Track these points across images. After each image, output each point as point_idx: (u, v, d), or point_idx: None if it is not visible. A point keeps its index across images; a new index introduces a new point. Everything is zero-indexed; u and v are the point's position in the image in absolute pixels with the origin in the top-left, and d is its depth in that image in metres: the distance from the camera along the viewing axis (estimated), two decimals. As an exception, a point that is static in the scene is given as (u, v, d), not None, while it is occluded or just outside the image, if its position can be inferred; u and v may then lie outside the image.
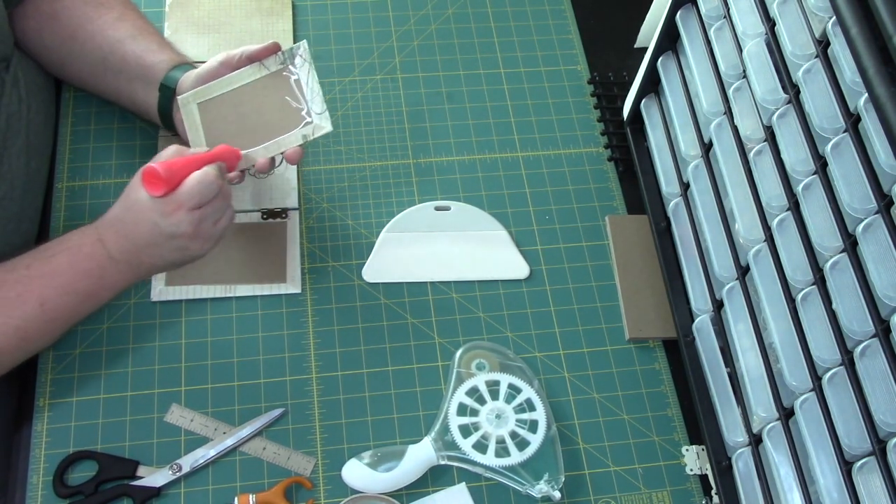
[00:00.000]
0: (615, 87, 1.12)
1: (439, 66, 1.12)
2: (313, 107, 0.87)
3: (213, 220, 0.81)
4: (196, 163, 0.80)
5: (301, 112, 0.87)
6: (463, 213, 1.01)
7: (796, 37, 0.73)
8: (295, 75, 0.88)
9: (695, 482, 0.89)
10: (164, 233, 0.79)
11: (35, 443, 0.84)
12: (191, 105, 0.87)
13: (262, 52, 0.87)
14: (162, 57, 0.91)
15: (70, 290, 0.80)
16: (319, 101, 0.87)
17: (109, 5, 0.94)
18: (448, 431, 0.85)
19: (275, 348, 0.91)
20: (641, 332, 0.95)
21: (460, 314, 0.95)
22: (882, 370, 0.64)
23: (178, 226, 0.78)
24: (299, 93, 0.87)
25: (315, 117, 0.87)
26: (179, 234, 0.79)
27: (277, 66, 0.88)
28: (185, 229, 0.79)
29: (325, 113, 0.87)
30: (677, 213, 0.95)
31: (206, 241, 0.82)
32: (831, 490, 0.69)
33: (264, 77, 0.88)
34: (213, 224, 0.81)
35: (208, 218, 0.80)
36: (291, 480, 0.84)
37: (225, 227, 0.83)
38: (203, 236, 0.81)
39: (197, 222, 0.79)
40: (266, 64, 0.88)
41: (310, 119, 0.87)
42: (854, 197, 0.66)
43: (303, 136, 0.86)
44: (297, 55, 0.88)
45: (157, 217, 0.78)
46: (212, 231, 0.81)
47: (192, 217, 0.78)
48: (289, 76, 0.88)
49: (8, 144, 0.86)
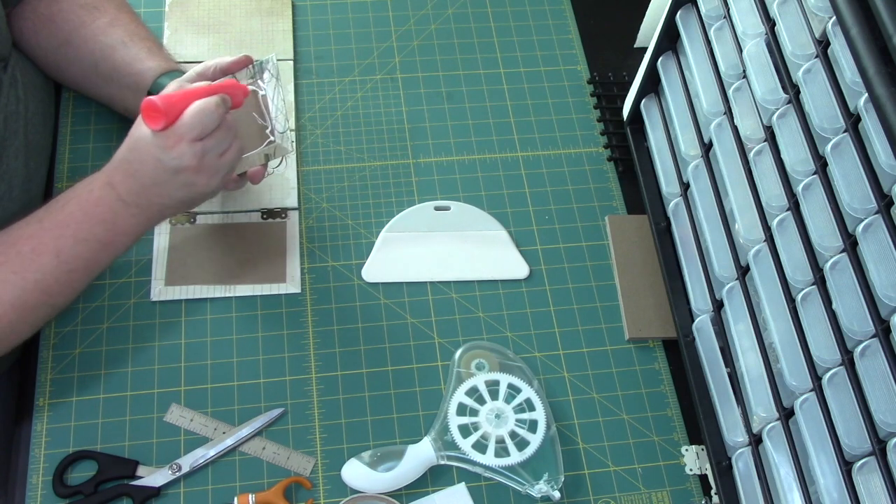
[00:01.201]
0: (615, 87, 1.12)
1: (439, 66, 1.12)
2: (276, 125, 0.85)
3: (217, 153, 0.79)
4: (196, 95, 0.78)
5: (266, 130, 0.86)
6: (463, 213, 1.01)
7: (796, 37, 0.73)
8: (263, 91, 0.87)
9: (694, 482, 0.89)
10: (168, 167, 0.77)
11: (35, 442, 0.84)
12: None
13: (232, 65, 0.86)
14: (150, 65, 0.91)
15: (84, 237, 0.79)
16: (283, 119, 0.85)
17: (103, 9, 0.94)
18: (448, 431, 0.85)
19: (274, 348, 0.91)
20: (641, 332, 0.95)
21: (460, 314, 0.95)
22: (882, 370, 0.64)
23: (180, 159, 0.77)
24: (265, 109, 0.86)
25: (277, 136, 0.85)
26: (183, 168, 0.77)
27: (247, 80, 0.87)
28: (189, 162, 0.77)
29: (286, 133, 0.85)
30: (677, 213, 0.95)
31: (213, 175, 0.80)
32: (831, 490, 0.69)
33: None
34: (217, 157, 0.79)
35: (212, 150, 0.78)
36: (291, 480, 0.84)
37: (231, 160, 0.81)
38: (208, 169, 0.79)
39: (200, 154, 0.77)
40: (237, 77, 0.86)
41: (273, 138, 0.85)
42: (854, 197, 0.66)
43: (265, 156, 0.85)
44: (265, 70, 0.87)
45: (160, 152, 0.77)
46: (217, 164, 0.79)
47: (194, 149, 0.77)
48: (258, 91, 0.86)
49: (6, 144, 0.86)
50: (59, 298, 0.81)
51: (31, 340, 0.88)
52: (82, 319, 0.90)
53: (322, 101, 1.07)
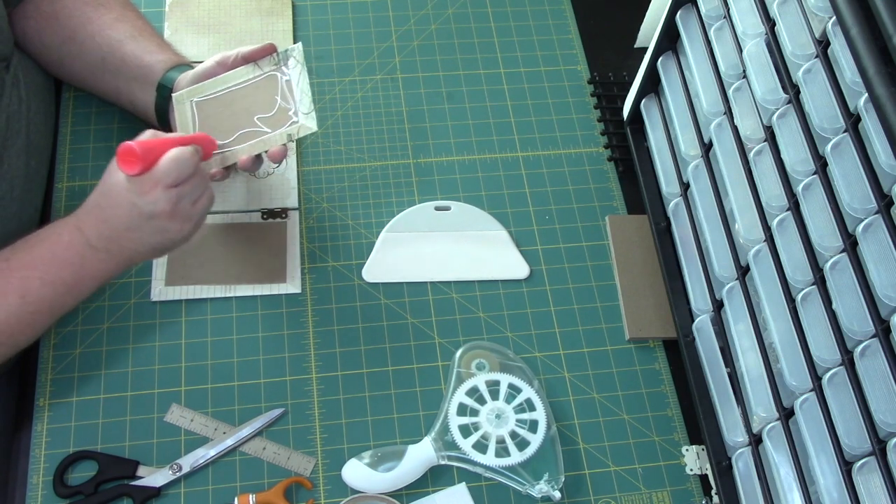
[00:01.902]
0: (615, 87, 1.12)
1: (439, 66, 1.12)
2: (301, 107, 0.87)
3: (191, 200, 0.79)
4: (172, 143, 0.78)
5: (289, 112, 0.87)
6: (463, 213, 1.01)
7: (796, 37, 0.73)
8: (287, 76, 0.88)
9: (695, 482, 0.89)
10: (143, 213, 0.77)
11: (35, 443, 0.84)
12: (185, 102, 0.87)
13: (257, 52, 0.88)
14: (160, 57, 0.91)
15: (50, 280, 0.79)
16: (308, 101, 0.87)
17: (109, 6, 0.94)
18: (448, 431, 0.85)
19: (275, 348, 0.91)
20: (641, 332, 0.95)
21: (460, 314, 0.95)
22: (882, 370, 0.64)
23: (155, 204, 0.76)
24: (289, 93, 0.87)
25: (301, 117, 0.86)
26: (157, 213, 0.77)
27: (271, 67, 0.88)
28: (163, 207, 0.77)
29: (311, 113, 0.86)
30: (677, 213, 0.95)
31: (186, 222, 0.80)
32: (831, 490, 0.69)
33: (257, 77, 0.88)
34: (191, 204, 0.79)
35: (186, 196, 0.78)
36: (291, 480, 0.84)
37: (205, 207, 0.81)
38: (182, 216, 0.79)
39: (175, 200, 0.77)
40: (260, 65, 0.88)
41: (296, 119, 0.87)
42: (854, 197, 0.66)
43: (287, 136, 0.86)
44: (290, 57, 0.88)
45: (135, 197, 0.76)
46: (191, 211, 0.79)
47: (169, 195, 0.77)
48: (281, 77, 0.88)
49: (8, 144, 0.86)
50: (20, 338, 0.81)
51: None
52: (82, 319, 0.90)
53: (322, 101, 1.07)
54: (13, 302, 0.78)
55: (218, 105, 0.87)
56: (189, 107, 0.87)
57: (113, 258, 0.80)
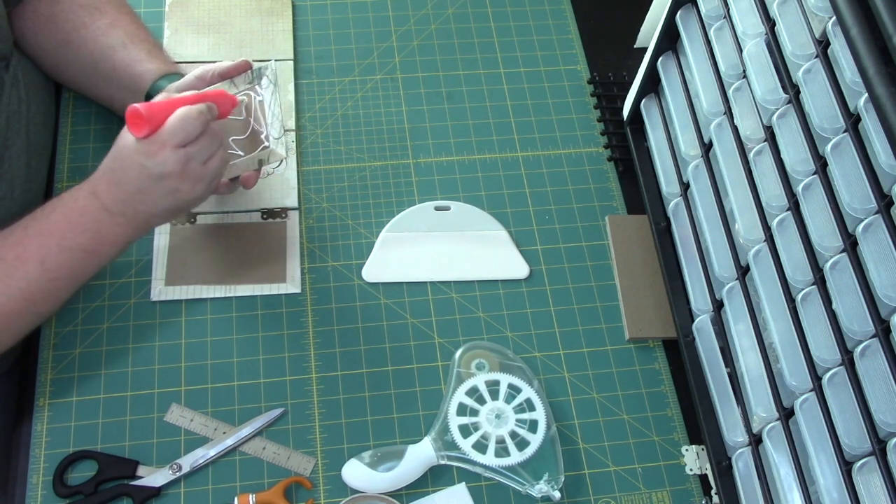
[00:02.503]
0: (615, 87, 1.12)
1: (439, 66, 1.12)
2: (271, 131, 0.86)
3: (201, 160, 0.79)
4: (182, 102, 0.78)
5: (261, 135, 0.86)
6: (463, 213, 1.01)
7: (796, 37, 0.73)
8: (260, 97, 0.87)
9: (695, 482, 0.89)
10: (153, 174, 0.77)
11: (35, 443, 0.84)
12: None
13: (231, 70, 0.87)
14: (149, 67, 0.91)
15: (68, 245, 0.79)
16: (279, 126, 0.86)
17: (104, 10, 0.94)
18: (448, 431, 0.85)
19: (275, 348, 0.91)
20: (641, 332, 0.95)
21: (460, 314, 0.95)
22: (882, 370, 0.64)
23: (164, 164, 0.77)
24: (262, 115, 0.86)
25: (272, 142, 0.86)
26: (167, 174, 0.77)
27: (246, 85, 0.87)
28: (173, 168, 0.77)
29: (281, 139, 0.85)
30: (677, 213, 0.95)
31: (197, 182, 0.79)
32: (831, 490, 0.69)
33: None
34: (201, 163, 0.79)
35: (196, 157, 0.78)
36: (291, 480, 0.84)
37: (216, 167, 0.81)
38: (193, 176, 0.79)
39: (184, 161, 0.77)
40: (236, 83, 0.87)
41: (267, 144, 0.86)
42: (854, 197, 0.66)
43: (259, 161, 0.85)
44: (263, 76, 0.87)
45: (144, 159, 0.77)
46: (201, 171, 0.79)
47: (177, 155, 0.77)
48: (255, 97, 0.87)
49: (8, 144, 0.86)
50: (43, 307, 0.81)
51: (31, 340, 0.88)
52: (82, 319, 0.90)
53: (322, 101, 1.07)
54: (32, 269, 0.78)
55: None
56: None
57: (129, 222, 0.80)
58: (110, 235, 0.80)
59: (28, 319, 0.80)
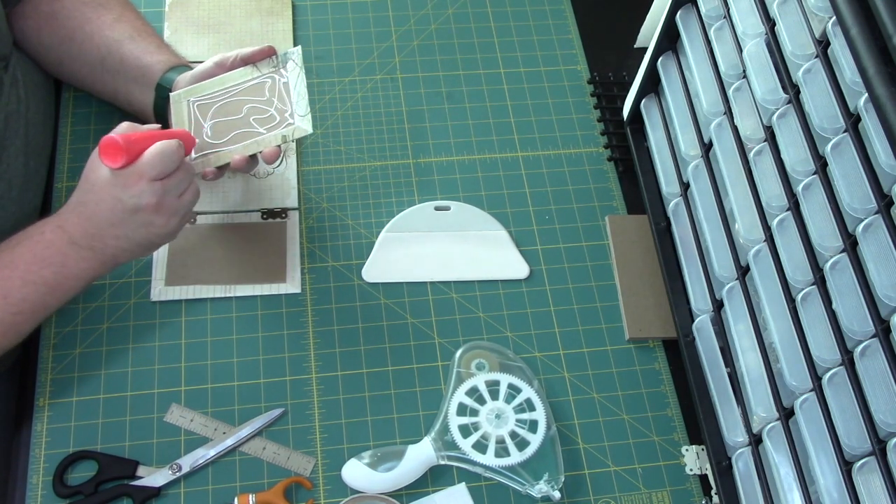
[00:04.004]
0: (615, 87, 1.12)
1: (439, 66, 1.12)
2: (297, 109, 0.87)
3: (176, 193, 0.79)
4: (155, 137, 0.78)
5: (285, 113, 0.87)
6: (463, 213, 1.01)
7: (796, 37, 0.73)
8: (285, 79, 0.88)
9: (695, 482, 0.89)
10: (127, 206, 0.77)
11: (35, 443, 0.84)
12: (181, 102, 0.87)
13: (256, 54, 0.88)
14: (159, 58, 0.91)
15: (32, 279, 0.78)
16: (304, 104, 0.87)
17: (108, 6, 0.94)
18: (448, 431, 0.85)
19: (275, 348, 0.91)
20: (641, 332, 0.95)
21: (460, 314, 0.95)
22: (882, 370, 0.64)
23: (140, 197, 0.76)
24: (286, 96, 0.88)
25: (297, 119, 0.87)
26: (143, 207, 0.77)
27: (270, 69, 0.89)
28: (148, 200, 0.76)
29: (307, 116, 0.87)
30: (677, 213, 0.95)
31: (172, 216, 0.79)
32: (831, 490, 0.69)
33: (255, 79, 0.88)
34: (176, 197, 0.79)
35: (171, 190, 0.78)
36: (291, 480, 0.84)
37: (190, 201, 0.81)
38: (167, 210, 0.78)
39: (161, 193, 0.77)
40: (259, 67, 0.89)
41: (292, 121, 0.87)
42: (854, 197, 0.66)
43: (282, 137, 0.87)
44: (290, 60, 0.89)
45: (119, 191, 0.76)
46: (176, 205, 0.79)
47: (154, 188, 0.76)
48: (279, 79, 0.88)
49: (6, 144, 0.86)
50: (3, 340, 0.79)
51: (31, 340, 0.88)
52: (82, 319, 0.90)
53: (322, 101, 1.07)
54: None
55: (215, 105, 0.88)
56: (186, 106, 0.87)
57: (97, 256, 0.79)
58: (75, 270, 0.79)
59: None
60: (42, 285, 0.78)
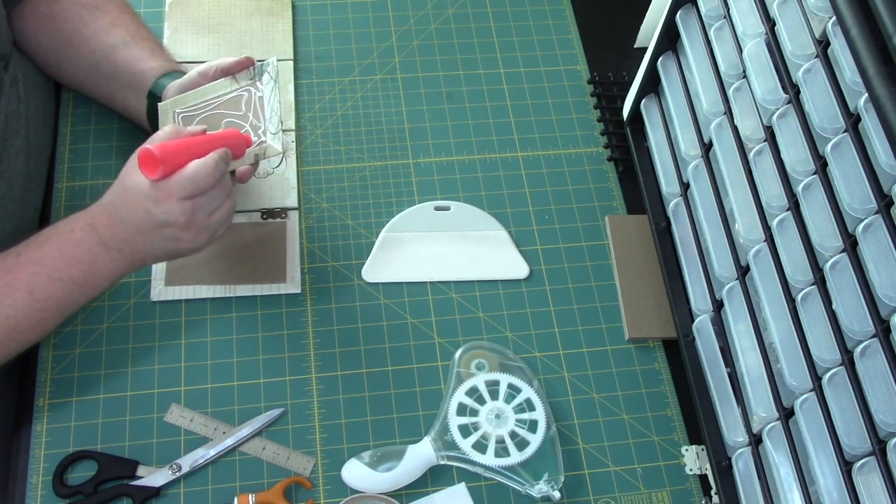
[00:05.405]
0: (615, 87, 1.12)
1: (439, 66, 1.12)
2: (269, 126, 0.86)
3: (207, 212, 0.78)
4: (195, 145, 0.77)
5: (259, 130, 0.86)
6: (463, 213, 1.01)
7: (796, 37, 0.73)
8: (260, 92, 0.87)
9: (694, 482, 0.89)
10: (156, 221, 0.76)
11: (35, 443, 0.84)
12: (168, 113, 0.87)
13: (233, 66, 0.87)
14: (152, 65, 0.91)
15: (59, 277, 0.78)
16: (276, 121, 0.86)
17: (105, 9, 0.94)
18: (448, 431, 0.85)
19: (274, 348, 0.91)
20: (641, 332, 0.95)
21: (460, 314, 0.95)
22: (882, 370, 0.64)
23: (169, 214, 0.76)
24: (261, 111, 0.87)
25: (269, 137, 0.86)
26: (171, 223, 0.77)
27: (247, 81, 0.87)
28: (177, 218, 0.76)
29: (278, 134, 0.85)
30: (677, 213, 0.95)
31: (200, 233, 0.79)
32: (831, 490, 0.69)
33: (234, 92, 0.87)
34: (207, 216, 0.78)
35: (202, 209, 0.77)
36: (291, 480, 0.84)
37: (221, 219, 0.80)
38: (196, 227, 0.78)
39: (190, 212, 0.77)
40: (237, 79, 0.87)
41: (265, 139, 0.86)
42: (854, 197, 0.66)
43: (254, 156, 0.85)
44: (265, 72, 0.87)
45: (150, 203, 0.76)
46: (205, 223, 0.79)
47: (183, 206, 0.76)
48: (254, 93, 0.87)
49: (7, 144, 0.86)
50: (29, 335, 0.80)
51: (32, 340, 0.88)
52: (82, 319, 0.90)
53: (322, 101, 1.07)
54: (21, 298, 0.77)
55: (198, 118, 0.86)
56: (172, 117, 0.86)
57: (125, 258, 0.79)
58: (103, 269, 0.79)
59: (12, 347, 0.79)
60: (69, 283, 0.78)
